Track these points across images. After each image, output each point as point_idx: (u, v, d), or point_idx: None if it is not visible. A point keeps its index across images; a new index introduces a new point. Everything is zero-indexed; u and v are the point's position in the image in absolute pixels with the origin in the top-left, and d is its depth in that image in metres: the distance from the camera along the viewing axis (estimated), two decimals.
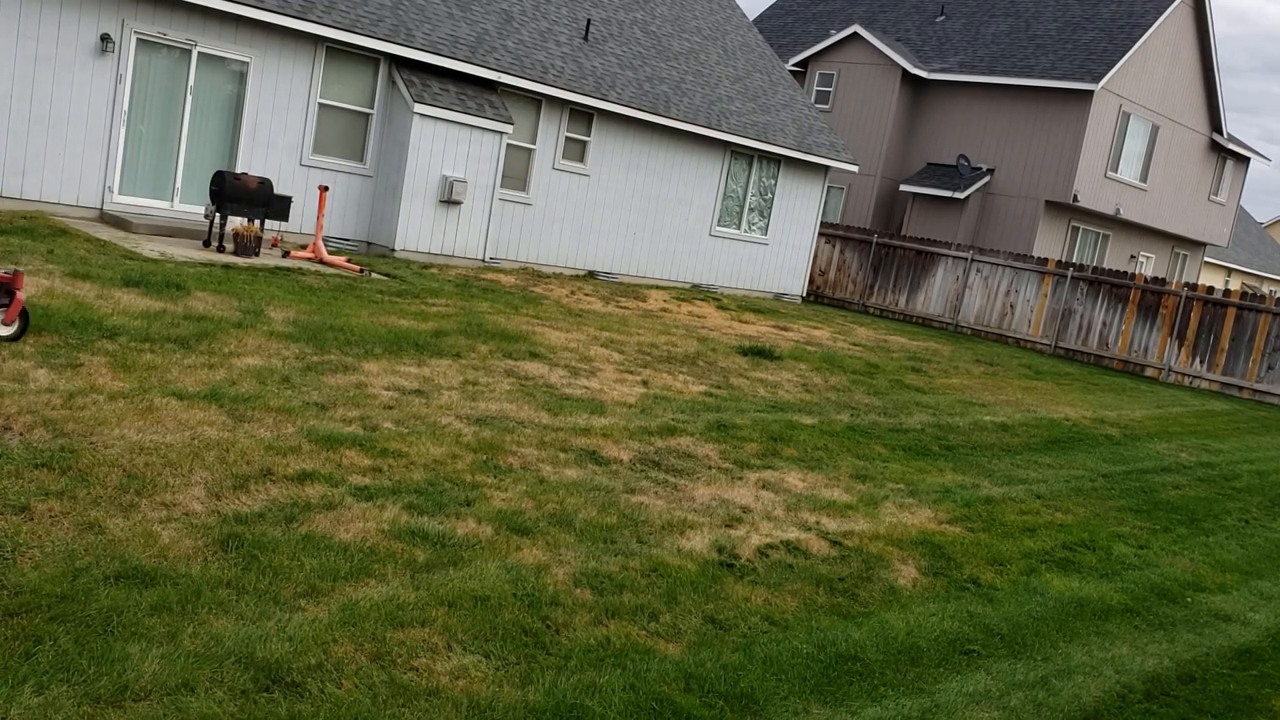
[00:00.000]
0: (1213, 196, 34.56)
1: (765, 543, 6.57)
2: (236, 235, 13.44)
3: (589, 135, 19.51)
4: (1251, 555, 8.81)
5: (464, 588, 5.03)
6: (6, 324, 7.38)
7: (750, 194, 22.85)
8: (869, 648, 5.36)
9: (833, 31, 32.44)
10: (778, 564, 6.29)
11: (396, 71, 16.38)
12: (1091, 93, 27.94)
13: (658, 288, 20.18)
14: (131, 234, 13.47)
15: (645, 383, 10.75)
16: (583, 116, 19.32)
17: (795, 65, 32.32)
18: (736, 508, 7.19)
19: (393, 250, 16.39)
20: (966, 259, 25.09)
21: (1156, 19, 29.13)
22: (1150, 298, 22.67)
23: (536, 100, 18.45)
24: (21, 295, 7.41)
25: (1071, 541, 8.08)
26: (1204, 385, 21.92)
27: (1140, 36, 28.77)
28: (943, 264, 25.60)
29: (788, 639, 5.26)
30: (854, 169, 24.54)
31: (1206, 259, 39.96)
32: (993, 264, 24.82)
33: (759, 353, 14.15)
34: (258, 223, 13.88)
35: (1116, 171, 29.94)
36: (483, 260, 17.66)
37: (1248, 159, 35.56)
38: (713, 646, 5.02)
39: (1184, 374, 22.19)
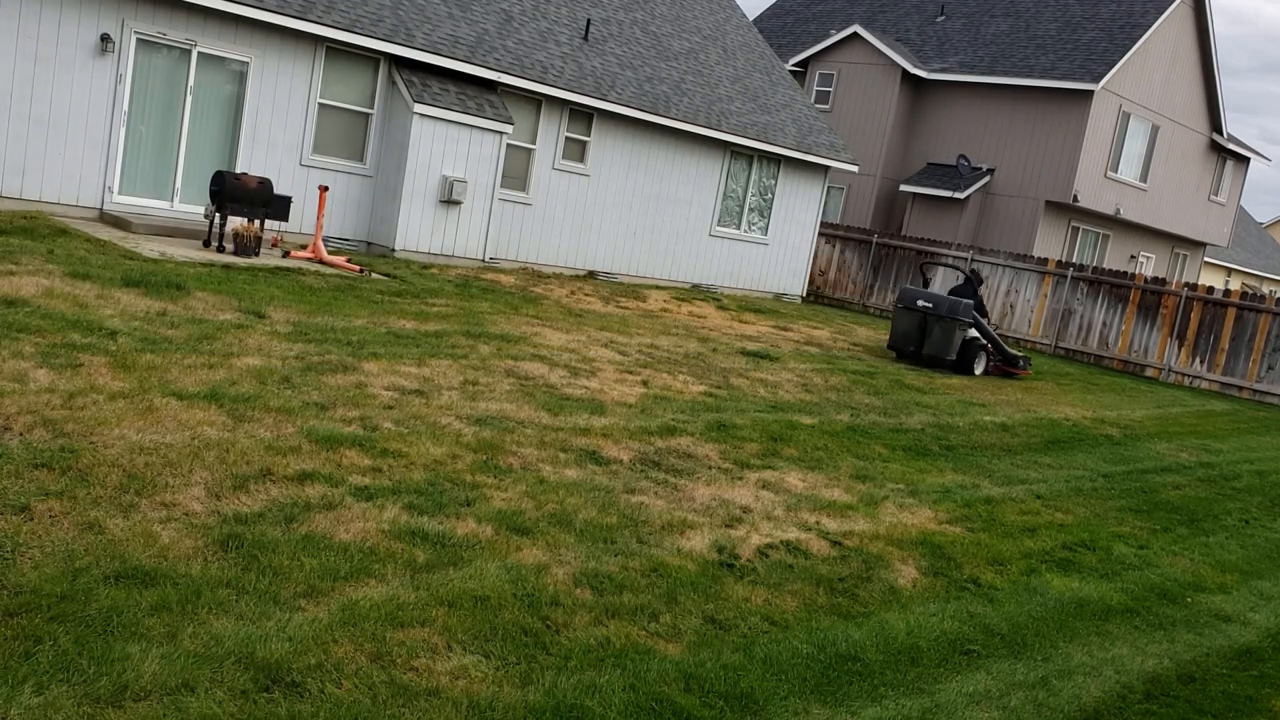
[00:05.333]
0: (1213, 196, 34.55)
1: (765, 543, 6.57)
2: (236, 235, 13.44)
3: (589, 135, 19.50)
4: (1251, 555, 8.81)
5: (464, 588, 5.03)
6: (1026, 375, 13.29)
7: (750, 194, 22.84)
8: (869, 648, 5.36)
9: (833, 31, 32.43)
10: (778, 564, 6.29)
11: (396, 71, 16.38)
12: (1091, 93, 27.93)
13: (658, 288, 20.17)
14: (131, 234, 13.46)
15: (645, 383, 10.74)
16: (583, 116, 19.32)
17: (795, 65, 32.31)
18: (736, 508, 7.19)
19: (393, 250, 16.39)
20: (966, 259, 25.08)
21: (1156, 19, 29.12)
22: (1150, 298, 22.66)
23: (536, 100, 18.45)
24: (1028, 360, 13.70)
25: (1071, 541, 8.08)
26: (1204, 385, 21.91)
27: (1140, 36, 28.76)
28: (943, 264, 25.55)
29: (788, 639, 5.26)
30: (854, 169, 24.53)
31: (1206, 259, 39.94)
32: (993, 264, 24.82)
33: (759, 353, 14.15)
34: (258, 223, 13.87)
35: (1116, 171, 29.93)
36: (483, 260, 17.65)
37: (1248, 159, 35.56)
38: (713, 646, 5.02)
39: (1184, 374, 22.18)
